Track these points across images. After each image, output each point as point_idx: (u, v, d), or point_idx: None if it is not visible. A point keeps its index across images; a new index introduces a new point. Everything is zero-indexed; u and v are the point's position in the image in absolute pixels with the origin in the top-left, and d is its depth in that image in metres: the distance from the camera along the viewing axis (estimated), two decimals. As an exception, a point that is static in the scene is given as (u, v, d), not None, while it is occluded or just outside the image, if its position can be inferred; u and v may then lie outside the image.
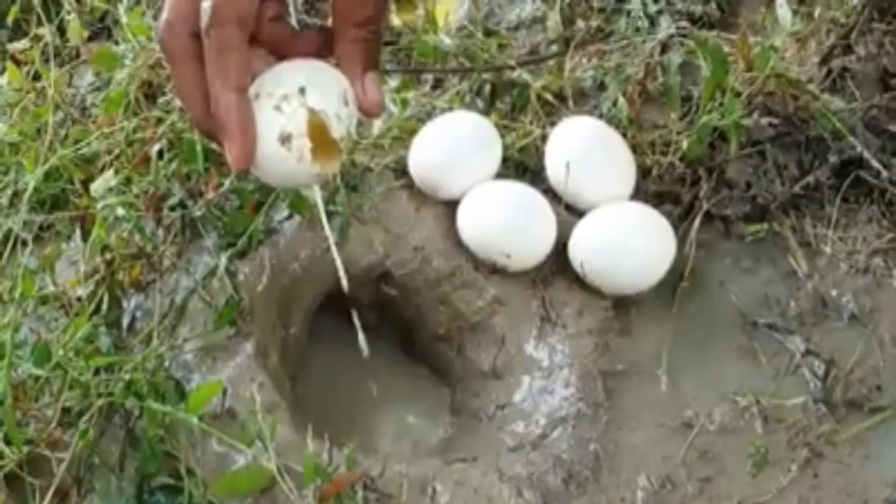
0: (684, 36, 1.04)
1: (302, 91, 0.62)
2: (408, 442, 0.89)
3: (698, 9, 1.09)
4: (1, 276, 0.87)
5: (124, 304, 0.87)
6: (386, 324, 0.95)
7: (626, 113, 0.98)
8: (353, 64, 0.64)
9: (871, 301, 0.91)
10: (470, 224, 0.91)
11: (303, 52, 0.65)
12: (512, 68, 1.04)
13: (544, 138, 0.97)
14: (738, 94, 0.97)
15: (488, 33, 1.10)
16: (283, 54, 0.65)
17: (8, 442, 0.75)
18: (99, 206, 0.88)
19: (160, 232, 0.89)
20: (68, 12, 1.08)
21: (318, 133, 0.62)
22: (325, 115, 0.62)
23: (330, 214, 0.89)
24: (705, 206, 0.95)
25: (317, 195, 0.68)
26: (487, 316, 0.91)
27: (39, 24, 1.06)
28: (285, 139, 0.62)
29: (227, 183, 0.89)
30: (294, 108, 0.62)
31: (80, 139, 0.95)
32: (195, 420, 0.76)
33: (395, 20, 1.09)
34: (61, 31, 1.08)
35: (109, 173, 0.91)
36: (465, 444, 0.86)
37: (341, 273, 0.70)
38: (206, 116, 0.62)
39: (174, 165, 0.91)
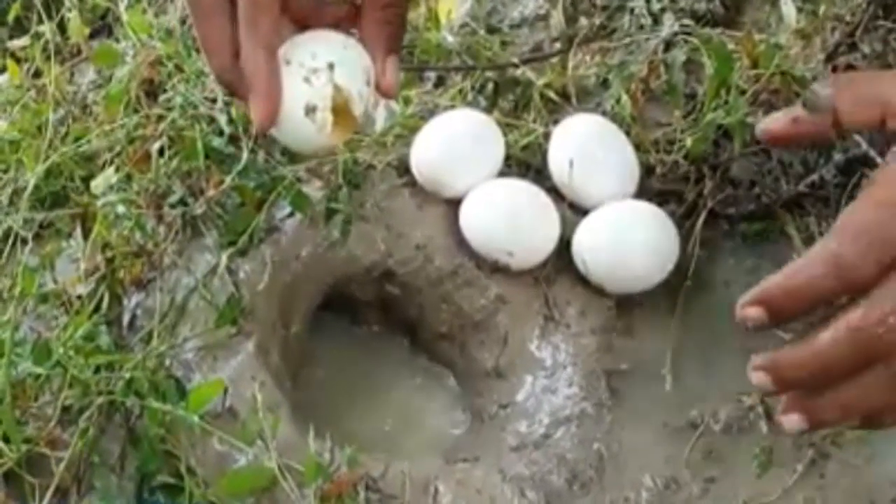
0: (688, 33, 1.03)
1: (331, 67, 0.65)
2: (410, 441, 0.88)
3: (702, 6, 1.08)
4: (1, 273, 0.87)
5: (125, 302, 0.87)
6: (388, 322, 0.94)
7: (630, 111, 0.98)
8: (378, 44, 0.66)
9: (876, 300, 0.90)
10: (472, 222, 0.91)
11: (326, 23, 0.67)
12: (515, 66, 1.03)
13: (547, 136, 0.96)
14: (743, 92, 0.96)
15: (491, 31, 1.09)
16: (306, 24, 0.67)
17: (7, 440, 0.74)
18: (99, 203, 0.88)
19: (161, 230, 0.89)
20: (69, 9, 1.08)
21: (341, 108, 0.66)
22: (348, 93, 0.65)
23: (332, 212, 0.90)
24: (709, 205, 0.94)
25: None
26: (490, 315, 0.90)
27: (40, 21, 1.06)
28: (310, 110, 0.65)
29: (227, 180, 0.88)
30: (323, 83, 0.65)
31: (80, 136, 0.95)
32: (196, 419, 0.76)
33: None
34: (62, 28, 1.08)
35: (110, 171, 0.91)
36: (468, 444, 0.86)
37: None
38: (229, 69, 0.64)
39: (175, 163, 0.90)
